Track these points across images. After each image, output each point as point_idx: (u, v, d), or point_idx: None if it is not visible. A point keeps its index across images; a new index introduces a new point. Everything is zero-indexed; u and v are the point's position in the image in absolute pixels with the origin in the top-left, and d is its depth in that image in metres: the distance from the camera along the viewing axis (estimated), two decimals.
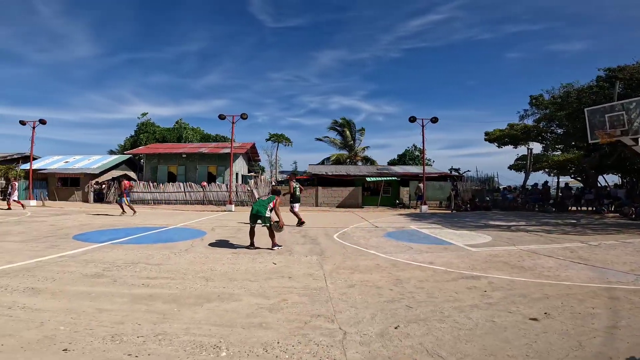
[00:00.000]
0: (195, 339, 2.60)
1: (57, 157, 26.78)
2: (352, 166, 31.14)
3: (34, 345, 2.35)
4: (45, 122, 19.34)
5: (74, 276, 4.18)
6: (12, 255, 5.26)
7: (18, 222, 9.81)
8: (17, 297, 3.31)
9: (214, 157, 24.22)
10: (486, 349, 2.52)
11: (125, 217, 12.35)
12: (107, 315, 3.00)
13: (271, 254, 6.09)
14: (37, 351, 2.27)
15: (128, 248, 6.26)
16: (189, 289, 3.89)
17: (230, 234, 8.71)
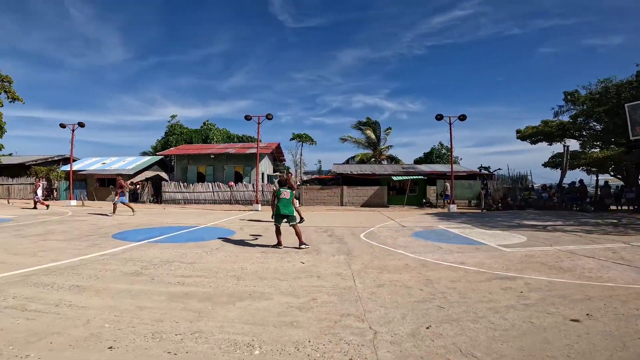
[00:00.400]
0: (229, 337, 2.66)
1: (95, 159, 28.24)
2: (377, 165, 30.82)
3: (81, 342, 2.46)
4: (84, 125, 20.43)
5: (115, 274, 4.39)
6: (56, 253, 5.60)
7: (60, 222, 10.43)
8: (63, 294, 3.50)
9: (241, 157, 24.70)
10: (524, 350, 2.47)
11: (149, 217, 12.85)
12: (147, 313, 3.13)
13: (299, 253, 6.15)
14: (85, 349, 2.37)
15: (163, 247, 6.51)
16: (221, 287, 3.99)
17: (258, 233, 8.87)
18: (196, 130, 41.21)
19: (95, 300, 3.38)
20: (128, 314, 3.05)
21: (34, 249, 5.92)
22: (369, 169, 26.04)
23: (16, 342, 2.41)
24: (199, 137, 39.25)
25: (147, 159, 28.15)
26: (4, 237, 7.11)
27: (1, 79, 18.87)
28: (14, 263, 4.77)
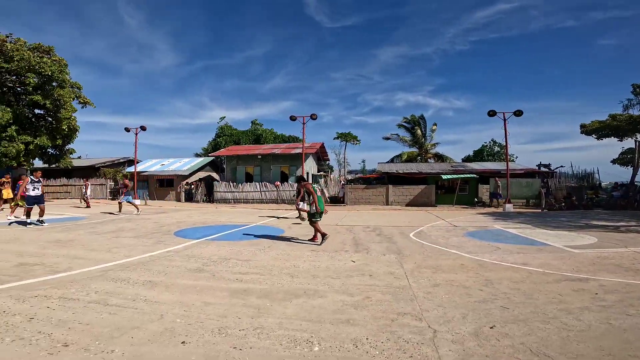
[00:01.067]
0: (289, 334, 2.75)
1: (155, 161, 30.46)
2: (423, 164, 29.87)
3: (157, 337, 2.63)
4: (145, 129, 22.15)
5: (180, 270, 4.71)
6: (128, 250, 6.12)
7: (129, 220, 11.40)
8: (138, 289, 3.81)
9: (286, 157, 25.24)
10: (603, 350, 2.39)
11: (204, 215, 13.55)
12: (212, 308, 3.31)
13: (349, 252, 6.20)
14: (161, 343, 2.53)
15: (219, 244, 6.85)
16: (277, 284, 4.13)
17: (305, 232, 9.01)
18: (244, 131, 42.77)
19: (166, 295, 3.64)
20: (195, 310, 3.24)
21: (108, 245, 6.52)
22: (415, 167, 25.32)
23: (101, 337, 2.61)
24: (248, 137, 40.65)
25: (200, 160, 29.78)
26: (82, 234, 7.92)
27: (72, 86, 20.88)
28: (93, 259, 5.29)
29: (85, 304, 3.26)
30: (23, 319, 2.86)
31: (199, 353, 2.42)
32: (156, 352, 2.39)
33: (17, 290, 3.60)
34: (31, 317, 2.90)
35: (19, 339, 2.51)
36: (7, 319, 2.87)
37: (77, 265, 4.82)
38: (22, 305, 3.18)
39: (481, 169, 23.43)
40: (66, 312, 3.03)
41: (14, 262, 4.91)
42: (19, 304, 3.20)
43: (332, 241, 7.43)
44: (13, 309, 3.08)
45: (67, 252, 5.79)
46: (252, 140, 39.97)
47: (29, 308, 3.10)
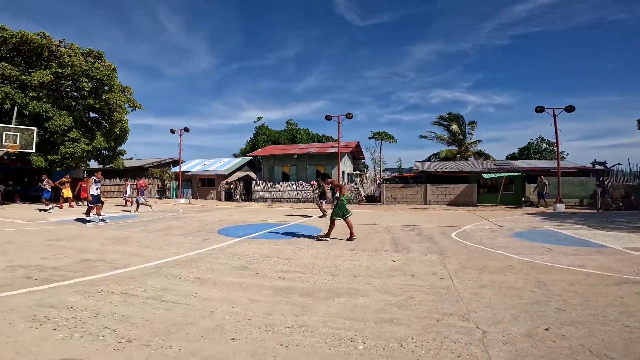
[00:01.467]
0: (333, 332, 2.79)
1: (197, 161, 31.89)
2: (464, 162, 28.74)
3: (210, 333, 2.75)
4: (189, 130, 23.23)
5: (225, 268, 4.91)
6: (177, 247, 6.48)
7: (176, 218, 12.06)
8: (189, 286, 4.01)
9: (322, 156, 25.39)
10: None
11: (244, 214, 13.96)
12: (258, 306, 3.42)
13: (388, 251, 6.19)
14: (213, 340, 2.64)
15: (260, 243, 7.06)
16: (318, 283, 4.20)
17: (343, 231, 9.02)
18: (280, 131, 43.57)
19: (214, 292, 3.81)
20: (242, 307, 3.37)
21: (160, 243, 6.95)
22: (455, 166, 24.44)
23: (160, 332, 2.72)
24: (285, 137, 41.35)
25: (239, 160, 30.75)
26: (136, 232, 8.49)
27: (122, 90, 22.26)
28: (147, 256, 5.65)
29: (143, 299, 3.48)
30: (90, 315, 3.06)
31: (247, 350, 2.50)
32: (209, 348, 2.50)
33: (83, 286, 3.89)
34: (97, 312, 3.11)
35: (87, 334, 2.66)
36: (75, 314, 3.08)
37: (133, 261, 5.18)
38: (87, 300, 3.43)
39: (528, 167, 22.14)
40: (127, 307, 3.23)
41: (77, 258, 5.35)
42: (85, 300, 3.46)
43: (370, 241, 7.42)
44: (80, 304, 3.33)
45: (124, 248, 6.24)
46: (289, 140, 40.58)
47: (94, 304, 3.33)
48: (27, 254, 5.58)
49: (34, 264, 4.87)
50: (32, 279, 4.11)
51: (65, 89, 20.51)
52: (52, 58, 19.07)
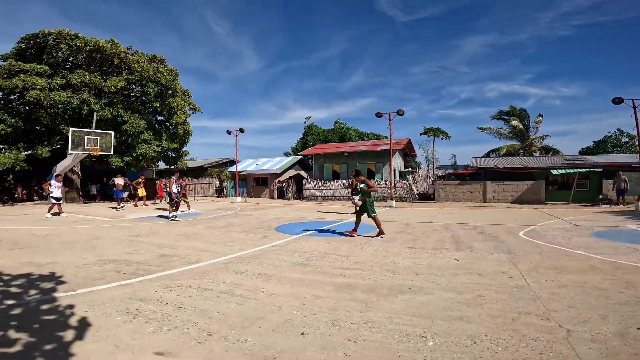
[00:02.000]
0: (400, 328, 2.82)
1: (251, 161, 33.29)
2: (528, 157, 26.61)
3: (280, 328, 2.87)
4: (244, 131, 24.34)
5: (287, 264, 5.10)
6: (240, 243, 6.84)
7: (235, 216, 12.73)
8: (256, 281, 4.22)
9: (372, 154, 25.12)
10: None
11: (297, 212, 14.27)
12: (322, 301, 3.51)
13: (449, 250, 6.09)
14: (283, 334, 2.75)
15: (317, 240, 7.21)
16: (379, 280, 4.23)
17: (399, 229, 8.91)
18: (330, 130, 43.88)
19: (280, 287, 3.98)
20: (308, 302, 3.48)
21: (224, 239, 7.39)
22: (518, 161, 22.74)
23: (235, 326, 2.86)
24: (334, 136, 41.60)
25: (290, 159, 31.54)
26: (202, 229, 9.11)
27: (183, 93, 23.81)
28: (215, 251, 6.04)
29: (217, 294, 3.72)
30: (173, 308, 3.25)
31: (317, 344, 2.59)
32: (280, 342, 2.61)
33: (164, 280, 4.23)
34: (179, 306, 3.32)
35: (174, 327, 2.82)
36: (161, 307, 3.28)
37: (204, 257, 5.57)
38: (170, 294, 3.69)
39: (605, 162, 19.90)
40: (204, 301, 3.47)
41: (156, 253, 5.87)
42: (167, 293, 3.71)
43: (428, 239, 7.24)
44: (164, 297, 3.57)
45: (194, 244, 6.73)
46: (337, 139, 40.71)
47: (176, 297, 3.58)
48: (113, 249, 6.24)
49: (121, 258, 5.43)
50: (121, 272, 4.57)
51: (135, 94, 22.21)
52: (122, 65, 20.72)
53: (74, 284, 4.00)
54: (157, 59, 22.38)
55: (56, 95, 17.46)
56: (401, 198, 21.50)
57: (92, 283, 4.04)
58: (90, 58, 20.31)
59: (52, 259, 5.25)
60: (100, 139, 17.73)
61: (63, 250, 5.99)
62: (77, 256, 5.50)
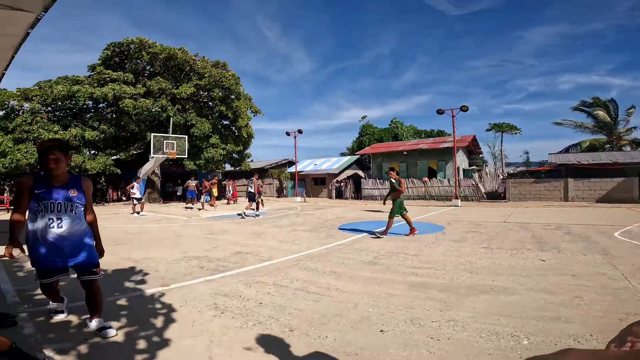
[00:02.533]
0: (487, 327, 2.73)
1: (309, 161, 33.98)
2: (618, 152, 23.49)
3: (357, 325, 2.89)
4: (302, 132, 24.96)
5: (355, 263, 5.12)
6: (307, 242, 7.02)
7: (297, 215, 13.10)
8: (328, 279, 4.30)
9: (433, 152, 24.13)
10: None
11: (357, 212, 14.19)
12: (398, 300, 3.48)
13: (532, 250, 5.75)
14: (362, 331, 2.77)
15: (383, 239, 7.12)
16: (456, 280, 4.11)
17: (468, 228, 8.47)
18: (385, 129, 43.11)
19: (352, 285, 4.01)
20: (383, 300, 3.47)
21: (291, 238, 7.64)
22: (606, 157, 20.21)
23: (314, 323, 2.92)
24: (389, 135, 40.82)
25: (347, 159, 31.56)
26: (269, 228, 9.53)
27: (245, 97, 24.99)
28: (284, 250, 6.27)
29: (292, 290, 3.85)
30: (255, 304, 3.38)
31: (398, 341, 2.58)
32: (360, 339, 2.63)
33: (243, 277, 4.46)
34: (260, 302, 3.45)
35: (258, 323, 2.93)
36: (244, 303, 3.42)
37: (275, 254, 5.82)
38: (250, 290, 3.85)
39: None
40: (282, 298, 3.60)
41: (232, 250, 6.24)
42: (247, 289, 3.88)
43: (506, 239, 6.83)
44: (245, 293, 3.73)
45: (264, 242, 7.07)
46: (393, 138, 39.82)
47: (255, 293, 3.72)
48: (194, 246, 6.78)
49: (202, 255, 5.88)
50: (204, 268, 4.93)
51: (203, 99, 23.74)
52: (191, 72, 22.29)
53: (167, 279, 4.41)
54: (221, 64, 23.58)
55: (142, 102, 19.42)
56: (466, 197, 20.32)
57: (182, 278, 4.40)
58: (165, 66, 22.11)
59: (146, 254, 5.88)
60: (176, 143, 19.28)
61: (154, 247, 6.68)
62: (167, 252, 6.09)
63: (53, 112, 20.13)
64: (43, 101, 18.89)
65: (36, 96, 18.84)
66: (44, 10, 3.53)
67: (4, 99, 18.43)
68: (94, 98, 19.26)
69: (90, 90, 18.83)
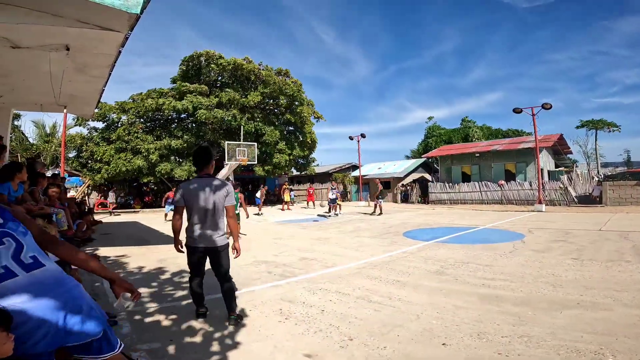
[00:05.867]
0: (566, 344, 2.51)
1: (373, 165, 33.59)
2: None
3: (419, 337, 2.79)
4: (365, 136, 24.81)
5: (420, 272, 4.92)
6: (371, 249, 6.92)
7: (361, 220, 13.02)
8: (390, 288, 4.19)
9: (511, 153, 22.14)
10: None
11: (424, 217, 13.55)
12: (465, 312, 3.28)
13: (632, 262, 5.04)
14: (423, 343, 2.67)
15: (451, 247, 6.74)
16: (535, 293, 3.79)
17: (555, 237, 7.61)
18: (454, 129, 40.77)
19: (416, 295, 3.87)
20: (448, 313, 3.29)
21: (354, 244, 7.60)
22: None
23: (374, 333, 2.87)
24: (458, 136, 38.52)
25: (413, 162, 30.51)
26: (333, 233, 9.62)
27: (308, 103, 25.54)
28: (348, 256, 6.25)
29: (354, 299, 3.82)
30: (317, 311, 3.41)
31: (461, 356, 2.46)
32: (420, 352, 2.54)
33: (307, 283, 4.52)
34: (322, 309, 3.47)
35: (318, 330, 2.95)
36: (307, 309, 3.46)
37: (338, 261, 5.85)
38: (313, 297, 3.89)
39: None
40: (344, 306, 3.60)
41: (298, 256, 6.39)
42: (311, 296, 3.93)
43: (600, 249, 6.08)
44: (308, 300, 3.77)
45: (328, 248, 7.15)
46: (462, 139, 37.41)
47: (318, 300, 3.75)
48: (263, 251, 7.08)
49: (270, 260, 6.11)
50: (272, 274, 5.10)
51: (269, 106, 24.86)
52: (257, 80, 23.45)
53: (238, 283, 4.58)
54: (283, 71, 24.52)
55: (217, 112, 21.15)
56: (552, 202, 18.21)
57: (251, 283, 4.63)
58: (233, 76, 23.66)
59: None
60: (247, 149, 20.56)
61: None
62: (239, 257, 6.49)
63: (145, 123, 22.81)
64: (137, 113, 21.58)
65: (131, 109, 21.58)
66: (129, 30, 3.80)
67: (105, 111, 21.40)
68: (176, 110, 21.38)
69: (173, 104, 20.96)
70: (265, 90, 22.77)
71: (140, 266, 5.66)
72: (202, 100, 20.93)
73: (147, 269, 5.45)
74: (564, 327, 2.82)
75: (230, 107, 22.13)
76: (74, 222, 8.20)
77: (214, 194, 3.08)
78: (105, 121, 22.12)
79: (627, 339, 2.55)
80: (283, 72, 24.55)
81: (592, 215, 12.51)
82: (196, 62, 23.24)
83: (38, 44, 4.12)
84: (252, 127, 22.42)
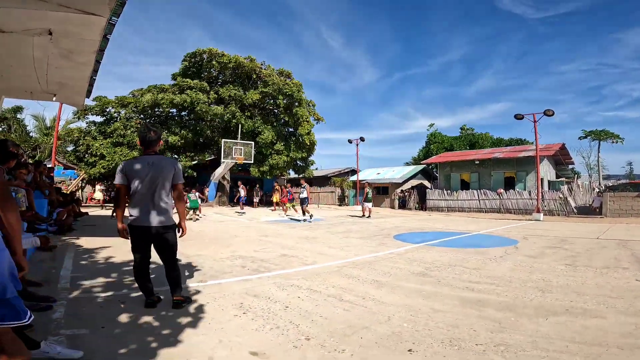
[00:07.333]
0: (548, 355, 2.28)
1: (371, 170, 33.36)
2: None
3: (384, 341, 2.54)
4: (364, 139, 24.57)
5: (403, 273, 4.65)
6: (357, 249, 6.68)
7: (354, 223, 12.74)
8: (367, 288, 3.94)
9: (511, 161, 21.88)
10: None
11: (419, 222, 13.27)
12: (441, 316, 3.03)
13: (629, 269, 4.79)
14: (388, 348, 2.42)
15: (440, 250, 6.47)
16: (521, 298, 3.53)
17: (550, 243, 7.35)
18: (456, 137, 40.51)
19: (392, 297, 3.60)
20: (423, 315, 3.04)
21: (341, 244, 7.36)
22: None
23: (336, 333, 2.67)
24: (460, 144, 38.24)
25: (412, 169, 30.25)
26: (321, 233, 9.36)
27: (307, 104, 25.23)
28: (331, 255, 6.02)
29: (325, 297, 3.58)
30: (281, 307, 3.23)
31: None
32: (382, 357, 2.30)
33: (280, 279, 4.32)
34: (286, 305, 3.30)
35: (275, 327, 2.78)
36: (270, 305, 3.29)
37: (320, 259, 5.60)
38: (281, 292, 3.70)
39: None
40: (311, 303, 3.37)
41: (279, 253, 6.18)
42: (279, 291, 3.74)
43: (596, 256, 5.86)
44: (275, 295, 3.59)
45: (312, 247, 6.90)
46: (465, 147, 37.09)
47: (286, 296, 3.56)
48: (245, 246, 6.88)
49: (249, 255, 5.90)
50: (246, 268, 4.90)
51: (268, 106, 24.64)
52: (258, 80, 23.28)
53: (207, 275, 4.46)
54: (285, 72, 24.33)
55: (214, 109, 20.93)
56: (551, 211, 17.89)
57: (221, 276, 4.42)
58: (234, 74, 23.52)
59: (198, 252, 6.10)
60: (243, 148, 20.24)
61: (209, 245, 6.94)
62: (217, 251, 6.25)
63: (144, 119, 22.63)
64: (136, 108, 21.42)
65: (130, 103, 21.41)
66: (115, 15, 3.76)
67: (103, 105, 21.26)
68: (174, 104, 21.11)
69: (171, 97, 20.73)
70: (264, 89, 22.57)
71: (109, 256, 5.41)
72: (201, 96, 20.76)
73: (116, 260, 5.19)
74: (547, 336, 2.59)
75: (230, 103, 21.95)
76: (55, 210, 8.03)
77: (161, 172, 2.85)
78: (104, 115, 21.97)
79: (620, 351, 2.34)
80: (285, 73, 24.37)
81: (590, 225, 12.20)
82: (198, 59, 23.09)
83: (21, 28, 3.99)
84: (251, 124, 22.18)
